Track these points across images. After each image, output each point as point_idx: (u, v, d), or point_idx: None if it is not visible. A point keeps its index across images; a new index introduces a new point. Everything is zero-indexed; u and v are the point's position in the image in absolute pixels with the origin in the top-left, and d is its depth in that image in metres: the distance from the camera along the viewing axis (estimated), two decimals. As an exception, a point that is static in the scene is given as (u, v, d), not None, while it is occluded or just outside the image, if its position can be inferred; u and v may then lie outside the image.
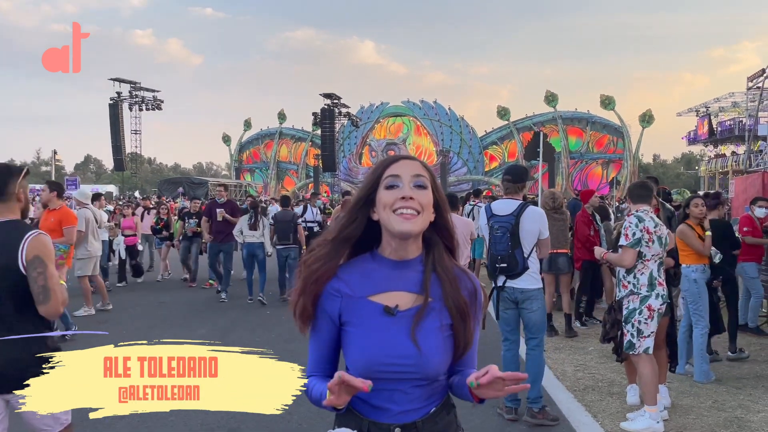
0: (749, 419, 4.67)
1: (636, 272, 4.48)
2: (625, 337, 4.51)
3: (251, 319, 8.49)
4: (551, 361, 6.29)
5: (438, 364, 1.55)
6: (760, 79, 21.59)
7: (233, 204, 10.97)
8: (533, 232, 4.67)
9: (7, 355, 2.65)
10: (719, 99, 41.50)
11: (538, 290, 4.71)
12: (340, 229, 1.60)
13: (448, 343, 1.57)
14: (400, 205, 1.51)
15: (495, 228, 4.72)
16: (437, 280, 1.58)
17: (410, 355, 1.52)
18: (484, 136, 49.35)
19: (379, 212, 1.55)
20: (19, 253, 2.71)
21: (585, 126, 46.13)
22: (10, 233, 2.76)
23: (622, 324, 4.57)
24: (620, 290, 4.61)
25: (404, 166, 1.56)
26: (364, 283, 1.58)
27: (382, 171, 1.57)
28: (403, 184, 1.53)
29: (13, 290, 2.72)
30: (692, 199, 5.98)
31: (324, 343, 1.62)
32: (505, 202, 4.82)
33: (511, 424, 4.65)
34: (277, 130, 54.95)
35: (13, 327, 2.73)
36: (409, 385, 1.54)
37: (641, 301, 4.47)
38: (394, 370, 1.52)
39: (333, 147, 43.24)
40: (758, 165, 24.63)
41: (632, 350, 4.48)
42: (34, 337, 2.68)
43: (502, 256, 4.65)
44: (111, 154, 45.61)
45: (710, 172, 42.42)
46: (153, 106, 46.56)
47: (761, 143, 28.41)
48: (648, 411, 4.46)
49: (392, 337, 1.53)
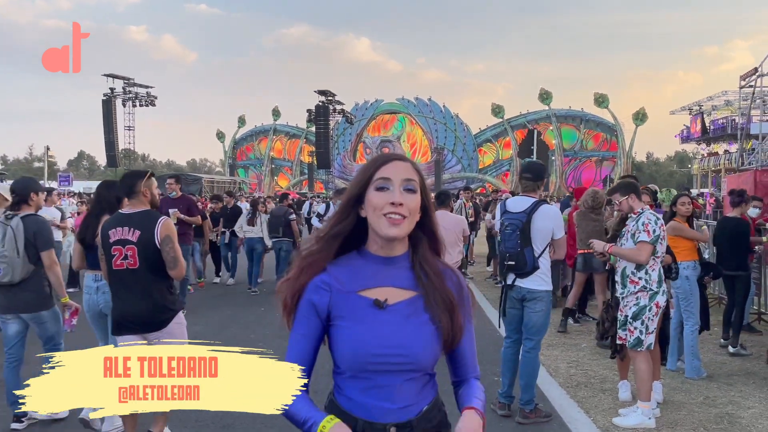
0: (740, 415, 4.72)
1: (648, 269, 4.50)
2: (632, 334, 4.50)
3: (245, 316, 8.49)
4: (544, 358, 6.33)
5: (428, 356, 1.58)
6: (753, 78, 21.67)
7: (188, 200, 9.34)
8: (545, 231, 4.57)
9: (146, 307, 3.86)
10: (712, 97, 41.67)
11: (546, 292, 4.63)
12: (331, 226, 1.64)
13: (436, 335, 1.59)
14: (389, 210, 1.54)
15: (506, 225, 4.66)
16: (424, 276, 1.61)
17: (400, 345, 1.55)
18: (478, 133, 49.45)
19: (368, 212, 1.57)
20: (155, 233, 3.86)
21: (579, 124, 46.25)
22: (148, 219, 3.92)
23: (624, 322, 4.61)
24: (626, 287, 4.56)
25: (396, 169, 1.58)
26: (353, 279, 1.60)
27: (373, 171, 1.58)
28: (394, 188, 1.55)
29: (150, 259, 3.85)
30: (680, 197, 6.04)
31: (306, 339, 1.62)
32: (519, 200, 4.74)
33: (504, 420, 4.68)
34: (272, 126, 54.87)
35: (148, 286, 3.89)
36: (400, 379, 1.56)
37: (650, 297, 4.50)
38: (384, 361, 1.54)
39: (327, 144, 43.23)
40: (750, 163, 24.76)
41: (640, 347, 4.50)
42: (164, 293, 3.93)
43: (511, 254, 4.59)
44: (104, 151, 45.46)
45: (703, 170, 42.60)
46: (147, 102, 46.39)
47: (754, 142, 28.55)
48: (641, 407, 4.50)
49: (382, 329, 1.55)
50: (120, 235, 3.88)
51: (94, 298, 4.66)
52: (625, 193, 4.62)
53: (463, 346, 1.67)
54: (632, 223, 4.59)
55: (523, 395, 4.66)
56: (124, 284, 3.91)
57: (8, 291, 4.48)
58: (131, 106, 46.02)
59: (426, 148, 49.46)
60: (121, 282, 3.93)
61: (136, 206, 3.99)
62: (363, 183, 1.59)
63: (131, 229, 3.88)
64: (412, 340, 1.56)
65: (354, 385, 1.58)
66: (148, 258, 3.86)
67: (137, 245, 3.86)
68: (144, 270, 3.87)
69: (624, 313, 4.63)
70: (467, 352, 1.70)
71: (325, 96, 43.74)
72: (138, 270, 3.87)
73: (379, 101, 51.92)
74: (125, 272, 3.89)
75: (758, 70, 20.79)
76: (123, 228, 3.90)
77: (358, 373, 1.57)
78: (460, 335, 1.63)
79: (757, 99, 25.65)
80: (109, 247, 3.92)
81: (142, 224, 3.89)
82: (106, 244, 3.94)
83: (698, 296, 5.75)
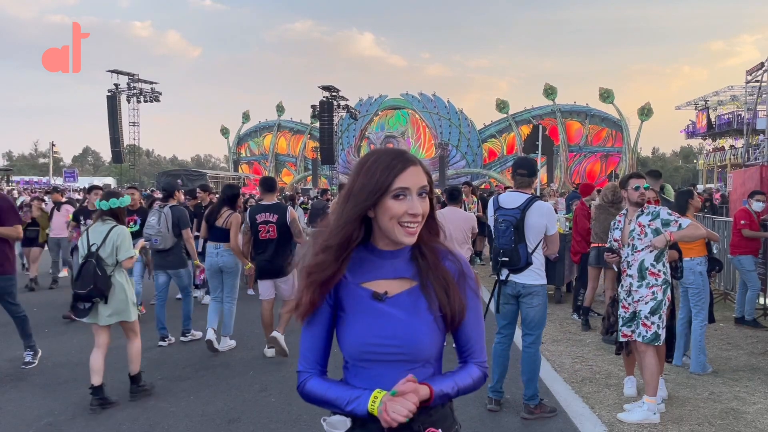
0: (745, 411, 4.71)
1: (664, 260, 4.51)
2: (650, 329, 4.47)
3: (249, 312, 8.49)
4: (549, 353, 6.33)
5: (428, 345, 1.59)
6: (759, 72, 21.54)
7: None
8: (539, 227, 4.57)
9: (278, 262, 6.12)
10: (718, 92, 41.47)
11: (541, 286, 4.64)
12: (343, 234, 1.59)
13: (437, 323, 1.60)
14: (408, 219, 1.55)
15: (499, 221, 4.66)
16: (421, 258, 1.63)
17: (400, 335, 1.56)
18: (482, 129, 49.30)
19: (382, 218, 1.56)
20: (286, 217, 6.22)
21: (584, 119, 46.07)
22: (280, 207, 6.33)
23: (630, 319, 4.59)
24: (645, 279, 4.53)
25: (412, 177, 1.56)
26: (358, 271, 1.62)
27: (392, 180, 1.55)
28: (412, 197, 1.55)
29: (282, 232, 6.20)
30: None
31: (320, 329, 1.64)
32: (513, 195, 4.72)
33: (507, 415, 4.68)
34: (276, 122, 54.84)
35: (281, 249, 6.20)
36: (402, 369, 1.57)
37: (664, 291, 4.51)
38: (385, 351, 1.56)
39: (332, 140, 43.17)
40: (756, 159, 24.64)
41: (657, 341, 4.48)
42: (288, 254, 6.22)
43: (505, 250, 4.60)
44: (109, 146, 45.51)
45: (708, 165, 42.46)
46: (151, 98, 46.40)
47: (760, 137, 28.39)
48: (648, 401, 4.49)
49: (382, 319, 1.57)
50: (264, 218, 6.21)
51: (215, 260, 6.71)
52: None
53: (468, 326, 1.66)
54: (646, 218, 4.57)
55: (527, 390, 4.66)
56: (267, 248, 6.20)
57: (161, 255, 6.91)
58: (136, 101, 46.05)
59: (430, 144, 49.37)
60: (264, 247, 6.21)
61: (271, 200, 6.46)
62: (380, 191, 1.55)
63: (271, 214, 6.23)
64: (409, 331, 1.57)
65: (357, 376, 1.61)
66: (281, 232, 6.18)
67: (276, 224, 6.18)
68: (279, 239, 6.19)
69: (630, 310, 4.61)
70: (472, 333, 1.68)
71: (329, 92, 43.67)
72: (276, 240, 6.19)
73: (383, 97, 51.79)
74: (268, 241, 6.19)
75: (764, 65, 20.65)
76: (265, 213, 6.23)
77: (358, 363, 1.60)
78: (462, 313, 1.62)
79: (763, 94, 25.51)
80: (256, 225, 6.21)
81: (278, 211, 6.26)
82: (254, 223, 6.22)
83: (708, 292, 5.73)
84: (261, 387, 5.40)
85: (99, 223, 4.95)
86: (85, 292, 4.75)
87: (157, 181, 40.26)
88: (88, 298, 4.77)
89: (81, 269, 4.81)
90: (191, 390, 5.32)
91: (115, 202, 4.95)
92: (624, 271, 4.71)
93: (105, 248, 4.82)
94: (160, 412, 4.78)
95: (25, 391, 5.33)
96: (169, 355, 6.47)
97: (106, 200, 4.96)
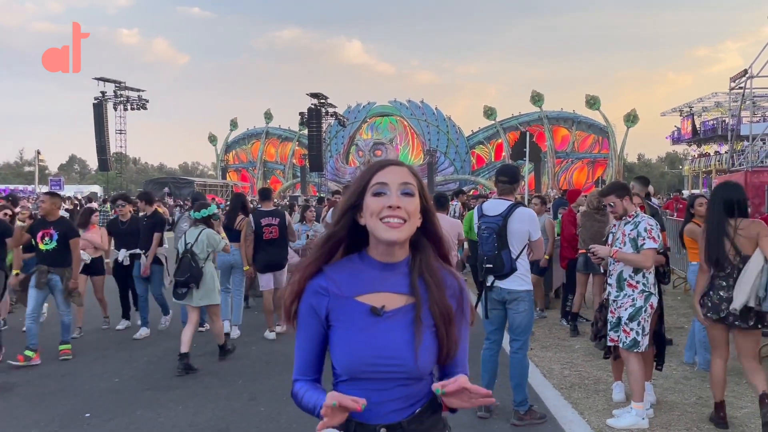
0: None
1: (645, 272, 4.54)
2: (628, 336, 4.52)
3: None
4: (538, 359, 6.34)
5: (423, 364, 1.57)
6: (743, 79, 21.78)
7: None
8: (521, 234, 4.63)
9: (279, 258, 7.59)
10: (702, 99, 41.88)
11: (527, 292, 4.67)
12: (328, 234, 1.65)
13: (433, 343, 1.59)
14: (386, 213, 1.53)
15: (482, 228, 4.72)
16: (423, 284, 1.60)
17: (396, 355, 1.54)
18: (470, 135, 49.47)
19: (366, 219, 1.56)
20: (286, 220, 7.61)
21: (571, 126, 46.39)
22: (279, 212, 7.79)
23: (616, 324, 4.62)
24: (623, 290, 4.59)
25: (392, 173, 1.57)
26: (351, 284, 1.59)
27: (369, 177, 1.58)
28: (391, 192, 1.54)
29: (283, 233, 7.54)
30: (696, 198, 6.06)
31: (311, 343, 1.63)
32: (496, 203, 4.78)
33: (497, 422, 4.68)
34: (264, 129, 54.72)
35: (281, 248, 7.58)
36: (394, 385, 1.56)
37: (646, 299, 4.53)
38: (380, 370, 1.54)
39: (320, 147, 43.15)
40: (741, 164, 24.89)
41: (636, 348, 4.52)
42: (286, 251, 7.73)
43: (488, 257, 4.65)
44: (96, 154, 45.12)
45: (694, 171, 42.81)
46: (138, 105, 46.11)
47: (744, 143, 28.71)
48: (635, 408, 4.51)
49: (378, 337, 1.54)
50: (268, 221, 7.49)
51: (229, 258, 7.62)
52: (620, 195, 4.64)
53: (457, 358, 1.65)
54: (629, 227, 4.60)
55: (516, 396, 4.67)
56: (270, 247, 7.45)
57: None
58: (122, 109, 45.70)
59: (418, 150, 49.46)
60: (268, 246, 7.45)
61: (269, 206, 7.79)
62: (360, 190, 1.59)
63: (273, 218, 7.55)
64: (407, 350, 1.54)
65: (349, 389, 1.58)
66: (282, 233, 7.52)
67: (278, 226, 7.49)
68: (280, 239, 7.52)
69: (616, 315, 4.64)
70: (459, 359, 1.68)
71: (317, 99, 43.64)
72: (278, 239, 7.50)
73: (371, 104, 51.82)
74: (270, 240, 7.46)
75: (748, 72, 20.87)
76: (269, 218, 7.53)
77: (352, 378, 1.57)
78: (455, 351, 1.62)
79: (747, 101, 25.81)
80: (261, 227, 7.44)
81: (279, 215, 7.65)
82: (259, 226, 7.43)
83: None
84: (250, 396, 5.36)
85: (193, 228, 6.48)
86: (183, 279, 6.15)
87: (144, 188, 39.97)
88: (185, 284, 6.16)
89: (180, 262, 6.25)
90: (179, 400, 5.28)
91: (205, 212, 6.49)
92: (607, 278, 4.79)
93: (197, 246, 6.30)
94: (148, 422, 4.73)
95: (12, 401, 5.27)
96: (157, 364, 6.42)
97: (198, 211, 6.50)
